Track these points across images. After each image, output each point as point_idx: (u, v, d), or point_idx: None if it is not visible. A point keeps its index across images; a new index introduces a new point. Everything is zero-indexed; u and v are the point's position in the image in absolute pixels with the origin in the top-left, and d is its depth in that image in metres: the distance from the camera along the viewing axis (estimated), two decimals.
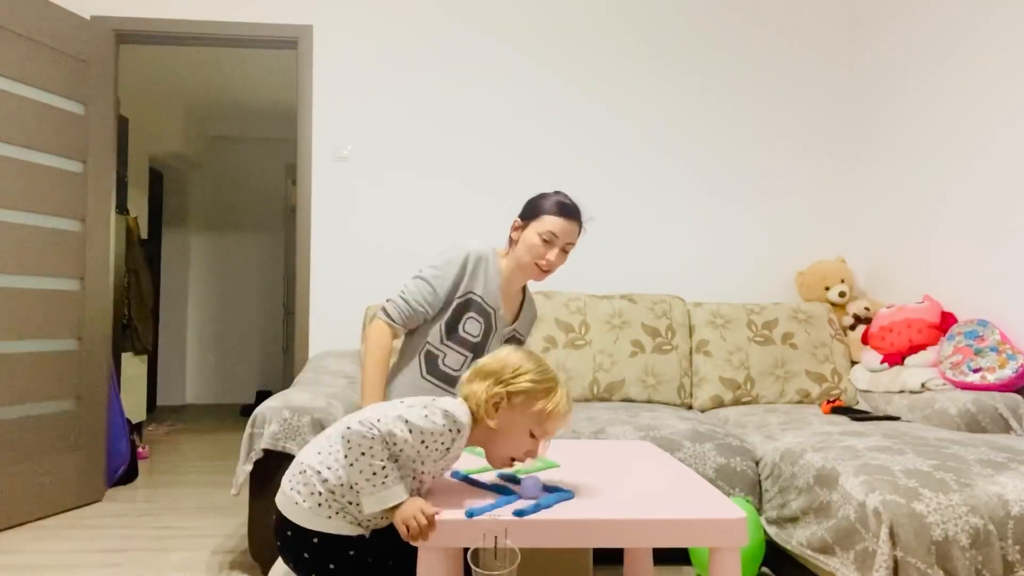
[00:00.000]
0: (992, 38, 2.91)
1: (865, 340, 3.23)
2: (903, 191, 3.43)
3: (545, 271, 2.06)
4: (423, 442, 1.27)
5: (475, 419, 1.35)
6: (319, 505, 1.31)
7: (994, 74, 2.89)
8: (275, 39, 3.59)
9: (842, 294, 3.45)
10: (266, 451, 2.34)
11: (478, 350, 2.04)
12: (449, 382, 2.04)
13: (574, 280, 3.55)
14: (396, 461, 1.27)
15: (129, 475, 3.65)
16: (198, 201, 6.82)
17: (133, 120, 5.02)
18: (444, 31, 3.65)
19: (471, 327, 2.04)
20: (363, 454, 1.24)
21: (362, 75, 3.61)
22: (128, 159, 4.93)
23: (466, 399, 1.37)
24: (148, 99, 5.50)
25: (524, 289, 2.22)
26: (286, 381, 6.43)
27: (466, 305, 2.04)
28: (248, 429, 2.36)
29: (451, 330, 2.04)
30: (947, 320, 2.96)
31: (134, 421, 4.50)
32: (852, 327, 3.37)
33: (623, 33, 3.71)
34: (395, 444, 1.25)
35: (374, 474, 1.24)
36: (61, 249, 3.16)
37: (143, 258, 5.06)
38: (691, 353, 3.27)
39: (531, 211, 2.08)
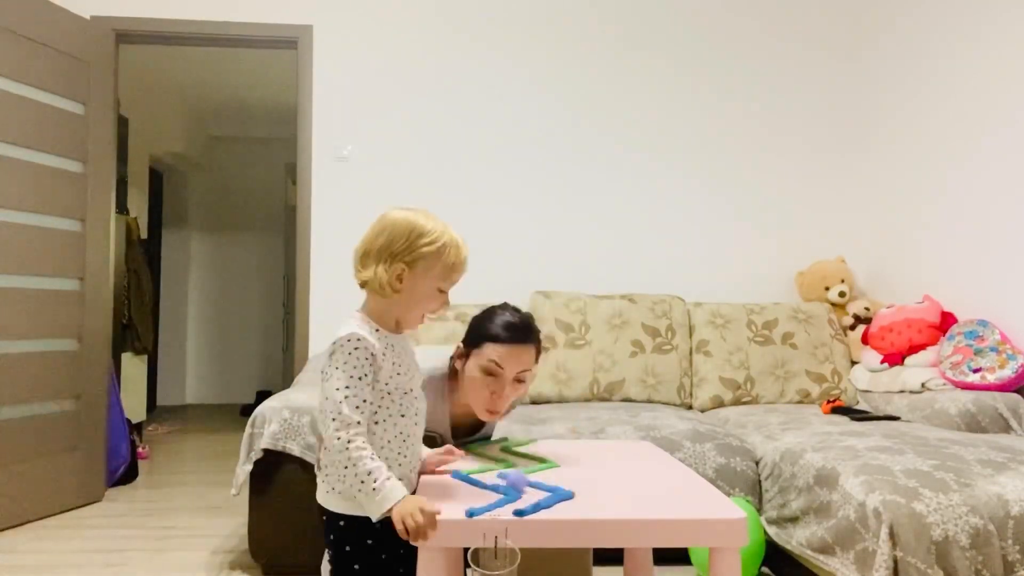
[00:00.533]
0: (992, 38, 2.91)
1: (865, 340, 3.23)
2: (903, 191, 3.43)
3: (494, 412, 1.64)
4: (363, 377, 1.28)
5: (382, 298, 1.35)
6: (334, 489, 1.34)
7: (994, 74, 2.89)
8: (275, 39, 3.59)
9: (842, 294, 3.45)
10: (266, 451, 2.34)
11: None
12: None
13: (574, 280, 3.55)
14: (384, 396, 1.31)
15: (129, 475, 3.65)
16: (198, 201, 6.82)
17: (133, 120, 5.02)
18: (443, 31, 3.65)
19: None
20: (346, 467, 1.24)
21: (362, 75, 3.61)
22: (128, 159, 4.93)
23: (364, 285, 1.36)
24: (148, 99, 5.50)
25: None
26: (286, 381, 6.42)
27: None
28: (248, 429, 2.37)
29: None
30: (947, 320, 2.96)
31: (134, 421, 4.50)
32: (852, 327, 3.37)
33: (623, 34, 3.71)
34: (356, 418, 1.25)
35: (362, 482, 1.23)
36: (61, 249, 3.16)
37: (143, 258, 5.06)
38: (691, 353, 3.27)
39: (473, 337, 1.67)
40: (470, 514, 1.22)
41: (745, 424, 2.75)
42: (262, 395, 6.28)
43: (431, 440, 1.62)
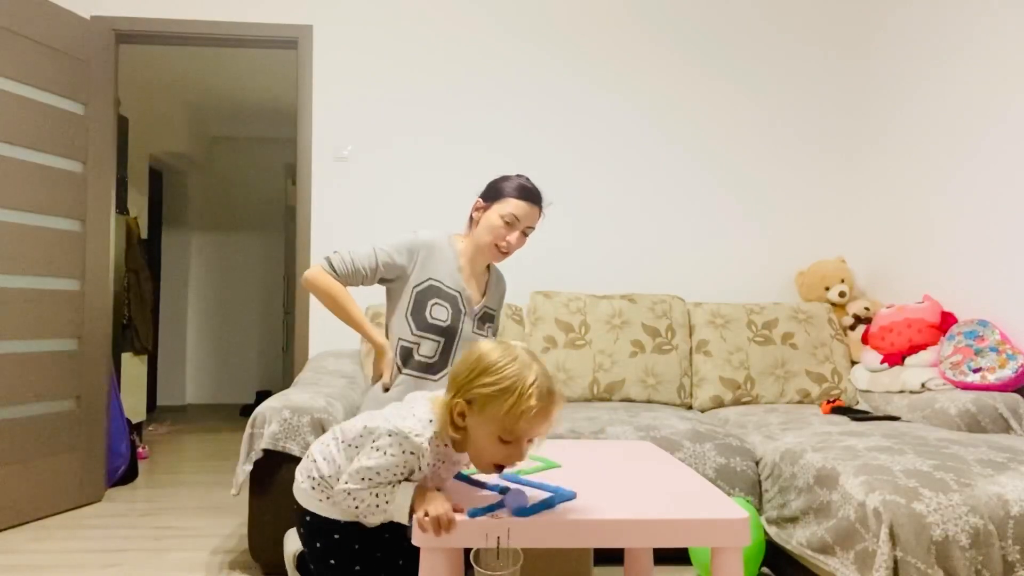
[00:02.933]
0: (993, 38, 2.91)
1: (865, 340, 3.23)
2: (903, 191, 3.43)
3: (504, 253, 2.08)
4: (392, 477, 1.27)
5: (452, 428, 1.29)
6: (312, 489, 1.39)
7: (995, 74, 2.89)
8: (275, 39, 3.59)
9: (842, 294, 3.45)
10: (266, 451, 2.34)
11: (449, 334, 2.03)
12: (426, 370, 2.03)
13: (574, 280, 3.55)
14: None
15: (129, 475, 3.65)
16: (198, 201, 6.81)
17: (133, 120, 5.02)
18: (443, 31, 3.65)
19: (438, 313, 2.03)
20: (356, 508, 1.30)
21: (362, 75, 3.61)
22: (128, 159, 4.93)
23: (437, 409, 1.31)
24: (148, 99, 5.50)
25: (490, 267, 2.22)
26: (286, 381, 6.42)
27: (427, 292, 2.04)
28: (248, 429, 2.36)
29: (419, 320, 2.02)
30: (947, 320, 2.96)
31: (134, 421, 4.50)
32: (852, 327, 3.37)
33: (624, 34, 3.71)
34: (362, 500, 1.29)
35: (375, 507, 1.28)
36: (61, 249, 3.16)
37: (143, 258, 5.05)
38: (691, 353, 3.27)
39: (493, 193, 2.10)
40: (472, 514, 1.23)
41: (745, 424, 2.75)
42: (262, 395, 6.28)
43: (453, 298, 2.03)
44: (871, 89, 3.67)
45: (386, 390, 2.03)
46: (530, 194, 2.07)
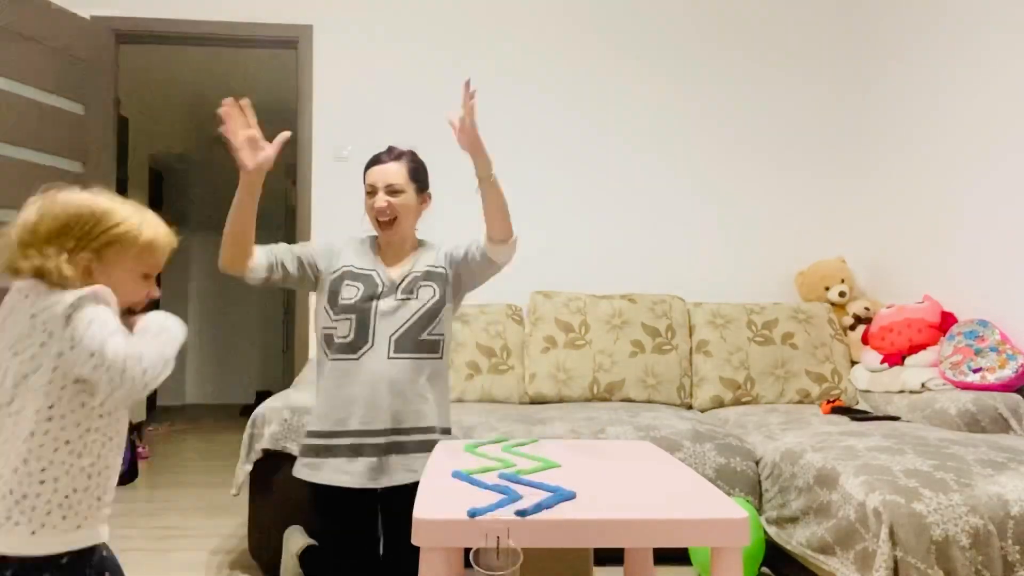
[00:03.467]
0: (993, 39, 2.91)
1: (865, 340, 3.23)
2: (903, 191, 3.43)
3: (384, 221, 2.06)
4: (114, 322, 1.13)
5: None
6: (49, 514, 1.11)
7: (995, 73, 2.89)
8: (275, 39, 3.59)
9: (842, 294, 3.45)
10: (266, 451, 2.34)
11: (359, 310, 1.99)
12: (345, 350, 1.99)
13: (574, 280, 3.55)
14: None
15: (129, 475, 3.65)
16: (198, 201, 6.81)
17: (133, 120, 5.02)
18: (444, 31, 3.65)
19: (347, 292, 2.02)
20: (145, 369, 1.14)
21: (362, 75, 3.61)
22: (128, 159, 4.93)
23: (43, 275, 1.12)
24: (148, 99, 5.50)
25: (421, 243, 2.21)
26: (286, 381, 6.41)
27: (341, 278, 2.05)
28: (248, 429, 2.37)
29: (333, 304, 2.02)
30: (947, 320, 2.96)
31: (134, 421, 4.50)
32: (852, 327, 3.37)
33: (624, 34, 3.71)
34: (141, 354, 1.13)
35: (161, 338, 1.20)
36: None
37: None
38: (691, 353, 3.27)
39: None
40: (472, 514, 1.23)
41: (745, 424, 2.75)
42: (262, 395, 6.27)
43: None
44: (872, 89, 3.67)
45: None
46: (373, 158, 2.13)
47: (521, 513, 1.23)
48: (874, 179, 3.64)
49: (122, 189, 4.67)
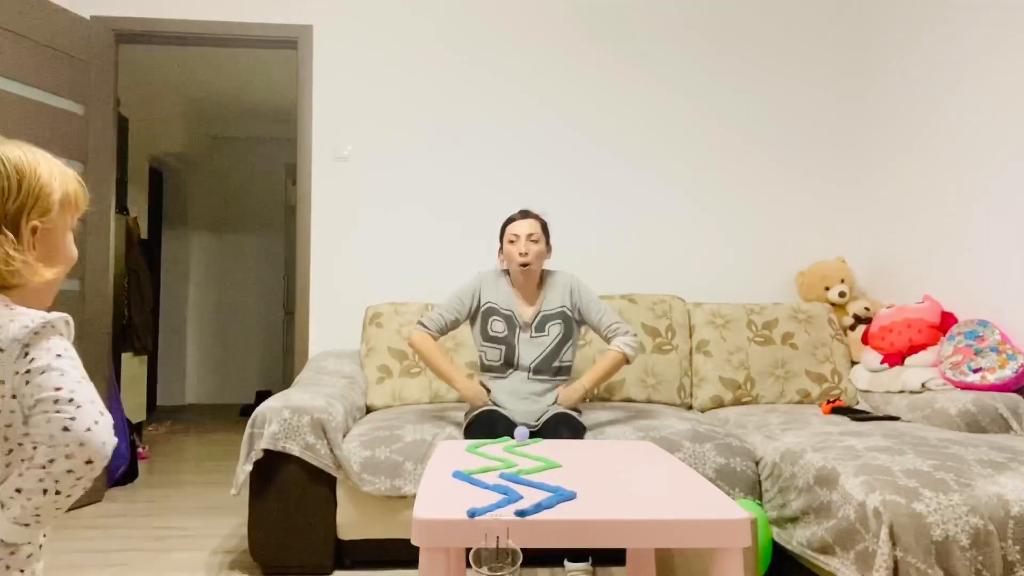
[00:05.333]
0: (993, 39, 2.91)
1: (865, 340, 3.23)
2: (903, 191, 3.43)
3: (526, 263, 2.55)
4: (81, 371, 1.01)
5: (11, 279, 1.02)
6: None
7: (995, 74, 2.89)
8: (275, 39, 3.59)
9: (842, 294, 3.45)
10: (266, 451, 2.34)
11: (507, 342, 2.57)
12: (493, 371, 2.59)
13: None
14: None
15: (129, 475, 3.65)
16: (198, 201, 6.82)
17: (133, 120, 5.02)
18: (444, 31, 3.65)
19: (496, 327, 2.59)
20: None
21: (362, 75, 3.61)
22: (128, 159, 4.93)
23: None
24: (148, 99, 5.50)
25: (543, 278, 2.68)
26: (286, 381, 6.42)
27: (488, 312, 2.61)
28: (248, 429, 2.37)
29: (484, 334, 2.61)
30: (947, 320, 2.96)
31: (134, 421, 4.50)
32: (852, 327, 3.37)
33: (623, 34, 3.71)
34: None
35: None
36: None
37: (143, 258, 5.05)
38: (691, 353, 3.27)
39: (501, 234, 2.67)
40: (472, 514, 1.23)
41: (745, 424, 2.75)
42: (262, 395, 6.28)
43: (508, 319, 2.59)
44: (872, 89, 3.67)
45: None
46: (515, 215, 2.65)
47: (521, 513, 1.23)
48: (874, 179, 3.64)
49: (122, 189, 4.67)
